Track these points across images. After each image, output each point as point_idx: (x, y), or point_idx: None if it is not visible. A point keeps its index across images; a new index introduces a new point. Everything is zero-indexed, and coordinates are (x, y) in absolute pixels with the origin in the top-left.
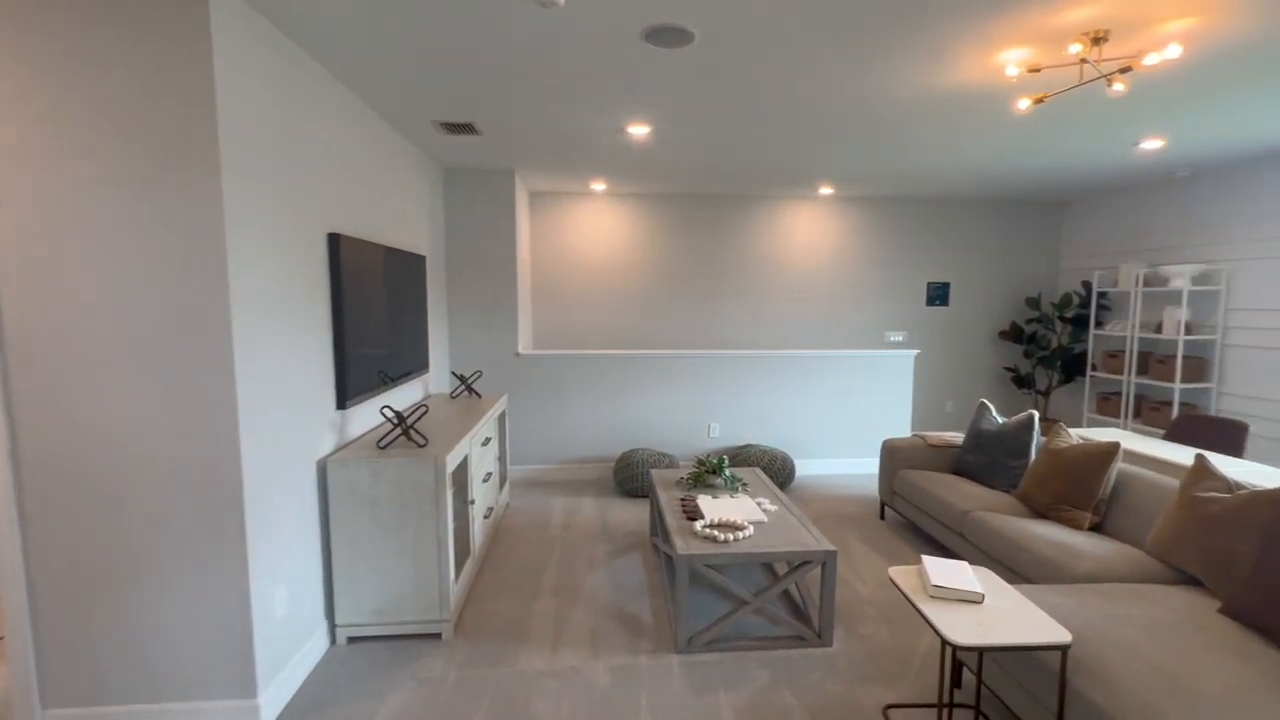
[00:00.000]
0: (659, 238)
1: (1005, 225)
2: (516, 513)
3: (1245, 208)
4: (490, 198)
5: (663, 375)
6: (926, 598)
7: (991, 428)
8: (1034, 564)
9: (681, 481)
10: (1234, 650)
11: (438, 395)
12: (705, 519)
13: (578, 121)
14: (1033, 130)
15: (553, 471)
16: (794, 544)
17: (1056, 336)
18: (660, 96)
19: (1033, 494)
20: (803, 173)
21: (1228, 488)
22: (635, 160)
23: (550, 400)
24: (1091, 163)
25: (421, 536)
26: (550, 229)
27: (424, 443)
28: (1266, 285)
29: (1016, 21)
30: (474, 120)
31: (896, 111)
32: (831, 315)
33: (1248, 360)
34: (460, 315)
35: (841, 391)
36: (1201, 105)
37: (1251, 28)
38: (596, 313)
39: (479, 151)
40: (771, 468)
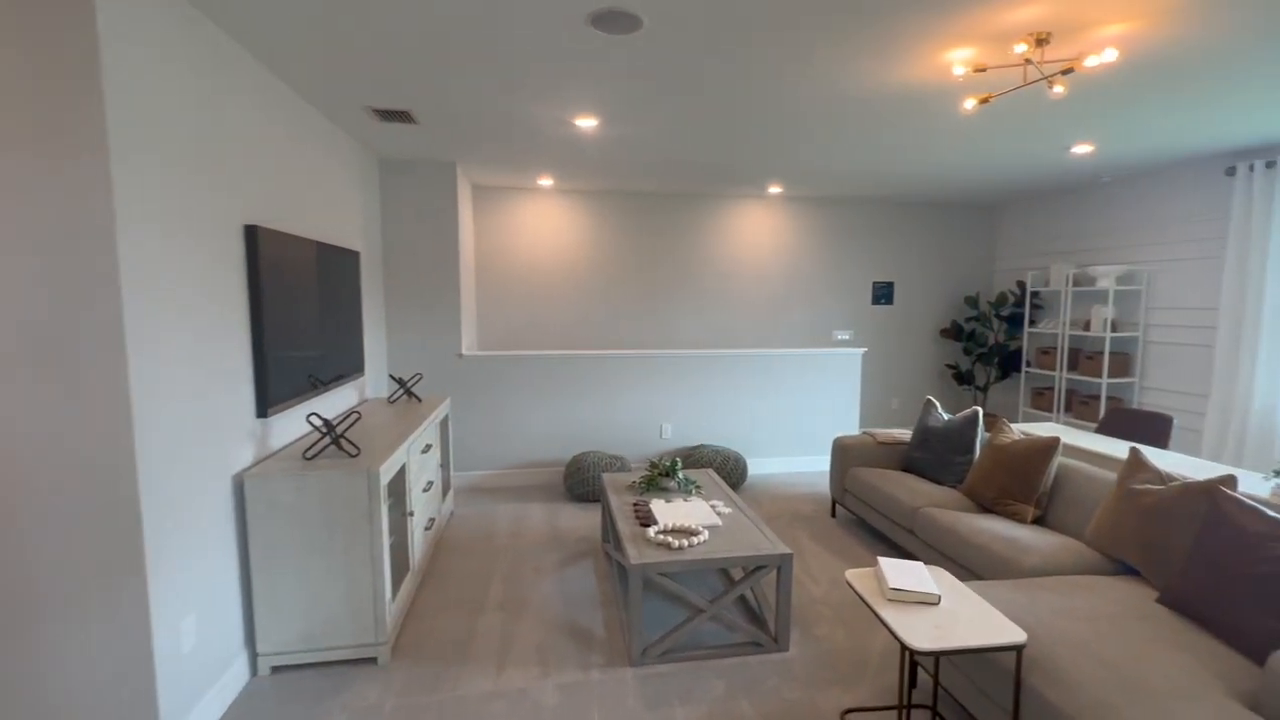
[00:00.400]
0: (608, 236)
1: (944, 226)
2: (461, 522)
3: (1163, 212)
4: (431, 191)
5: (613, 376)
6: (884, 601)
7: (938, 424)
8: (983, 559)
9: (634, 485)
10: (1173, 641)
11: (375, 400)
12: (658, 525)
13: (522, 112)
14: (974, 132)
15: (499, 477)
16: (749, 548)
17: (994, 334)
18: (608, 87)
19: (979, 489)
20: (753, 171)
21: (1161, 480)
22: (583, 155)
23: (496, 403)
24: (1026, 167)
25: (354, 554)
26: (495, 225)
27: (356, 452)
28: (1181, 286)
29: (964, 19)
30: (410, 107)
31: (847, 108)
32: (781, 314)
33: (1166, 355)
34: (399, 315)
35: (792, 390)
36: (1129, 112)
37: (1179, 37)
38: (544, 312)
39: (417, 142)
40: (724, 468)
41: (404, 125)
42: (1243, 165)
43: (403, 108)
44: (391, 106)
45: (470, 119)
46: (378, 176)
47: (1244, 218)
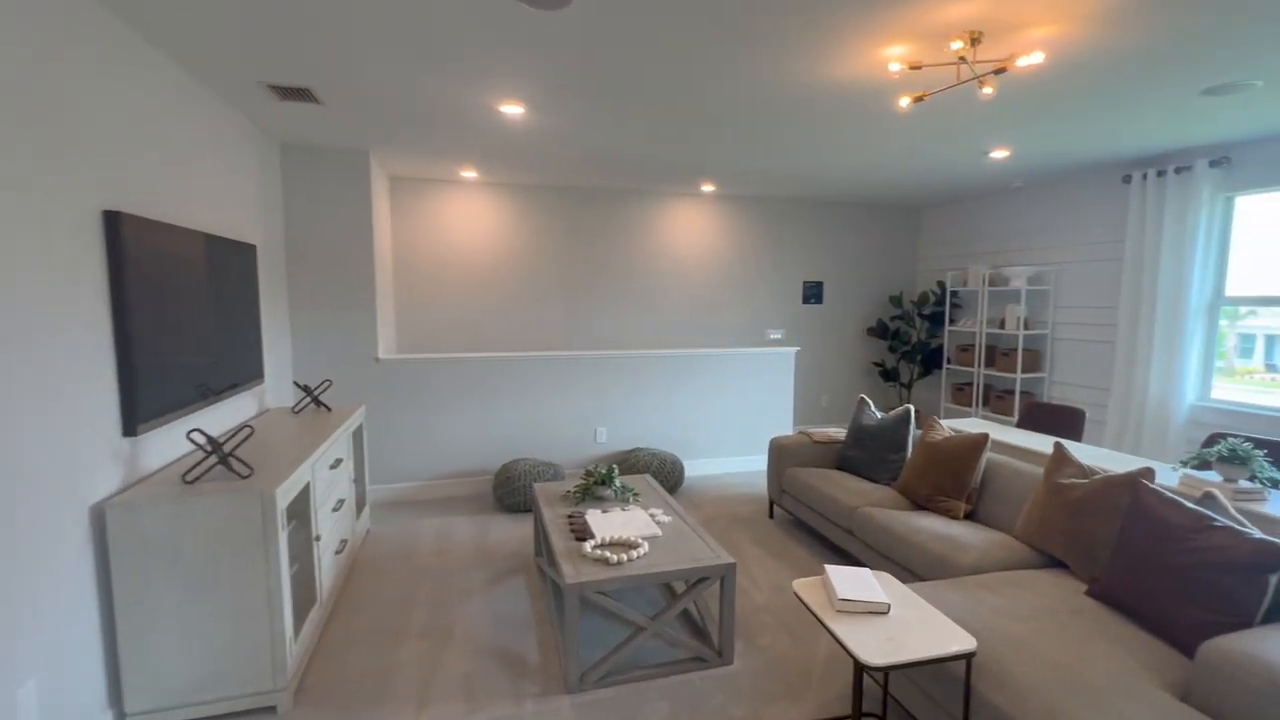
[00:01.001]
0: (538, 232)
1: (870, 227)
2: (378, 541)
3: (1068, 216)
4: (341, 181)
5: (544, 378)
6: (834, 613)
7: (871, 423)
8: (921, 558)
9: (568, 495)
10: (1106, 634)
11: (277, 410)
12: (595, 538)
13: (441, 95)
14: (903, 133)
15: (422, 489)
16: (691, 560)
17: (916, 332)
18: (536, 70)
19: (912, 486)
20: (686, 168)
21: (1084, 473)
22: (510, 146)
23: (418, 410)
24: (948, 169)
25: (246, 589)
26: (415, 219)
27: (248, 473)
28: (1083, 286)
29: (901, 14)
30: (312, 85)
31: (784, 104)
32: (715, 313)
33: (1071, 352)
34: (306, 316)
35: (727, 390)
36: (1043, 118)
37: (1096, 45)
38: (470, 312)
39: (324, 125)
40: (661, 471)
41: (306, 106)
42: (1137, 174)
43: (303, 85)
44: (290, 83)
45: (383, 101)
46: (278, 163)
47: (1139, 223)
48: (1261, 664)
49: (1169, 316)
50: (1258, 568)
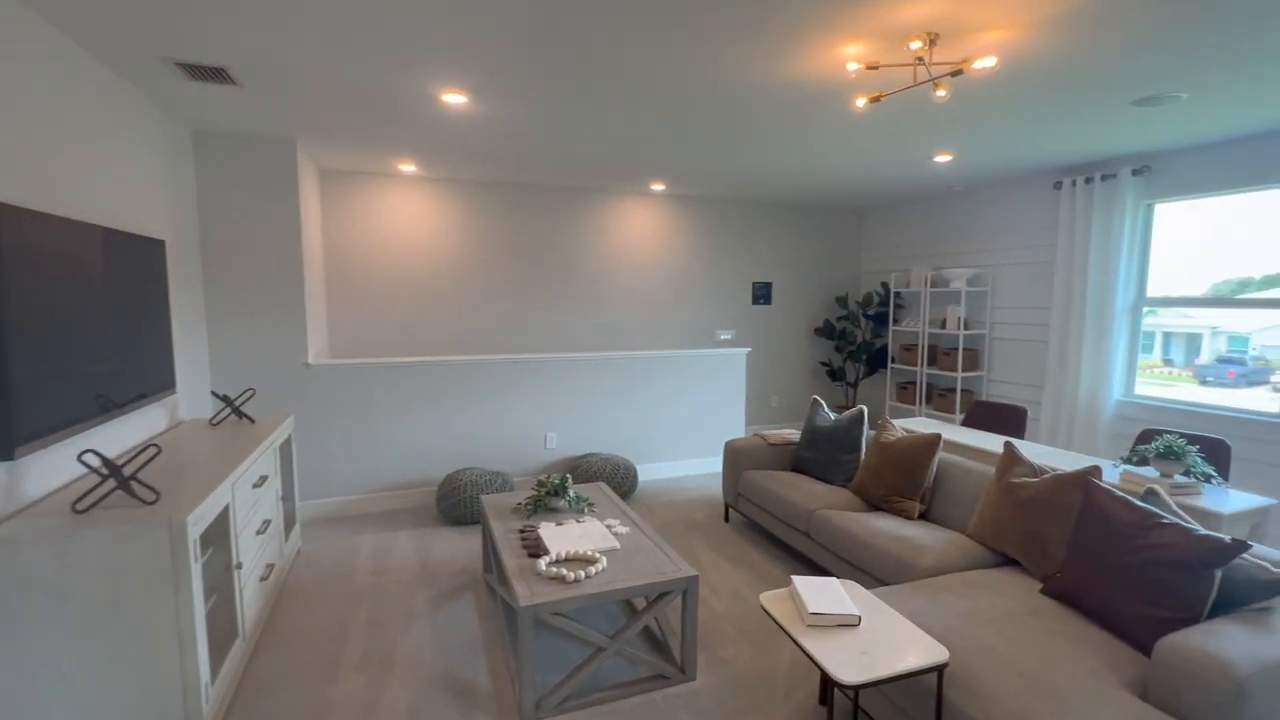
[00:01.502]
0: (483, 230)
1: (816, 229)
2: (310, 562)
3: (1003, 220)
4: (264, 172)
5: (490, 383)
6: (804, 627)
7: (825, 424)
8: (880, 561)
9: (519, 508)
10: (1066, 634)
11: (192, 424)
12: (550, 554)
13: (375, 81)
14: (854, 133)
15: (359, 503)
16: (652, 573)
17: (861, 332)
18: (481, 55)
19: (867, 487)
20: (638, 166)
21: (1034, 472)
22: (453, 139)
23: (353, 418)
24: (894, 172)
25: (152, 631)
26: (348, 216)
27: (153, 498)
28: (1018, 287)
29: (861, 13)
30: (229, 64)
31: (740, 100)
32: (665, 314)
33: (1008, 351)
34: (226, 319)
35: (679, 392)
36: (989, 123)
37: (1042, 52)
38: (409, 314)
39: (244, 111)
40: (614, 477)
41: (223, 87)
42: (1067, 180)
43: (218, 64)
44: (203, 61)
45: (310, 85)
46: (191, 151)
47: (1069, 227)
48: (1216, 660)
49: (1097, 317)
50: (1204, 564)
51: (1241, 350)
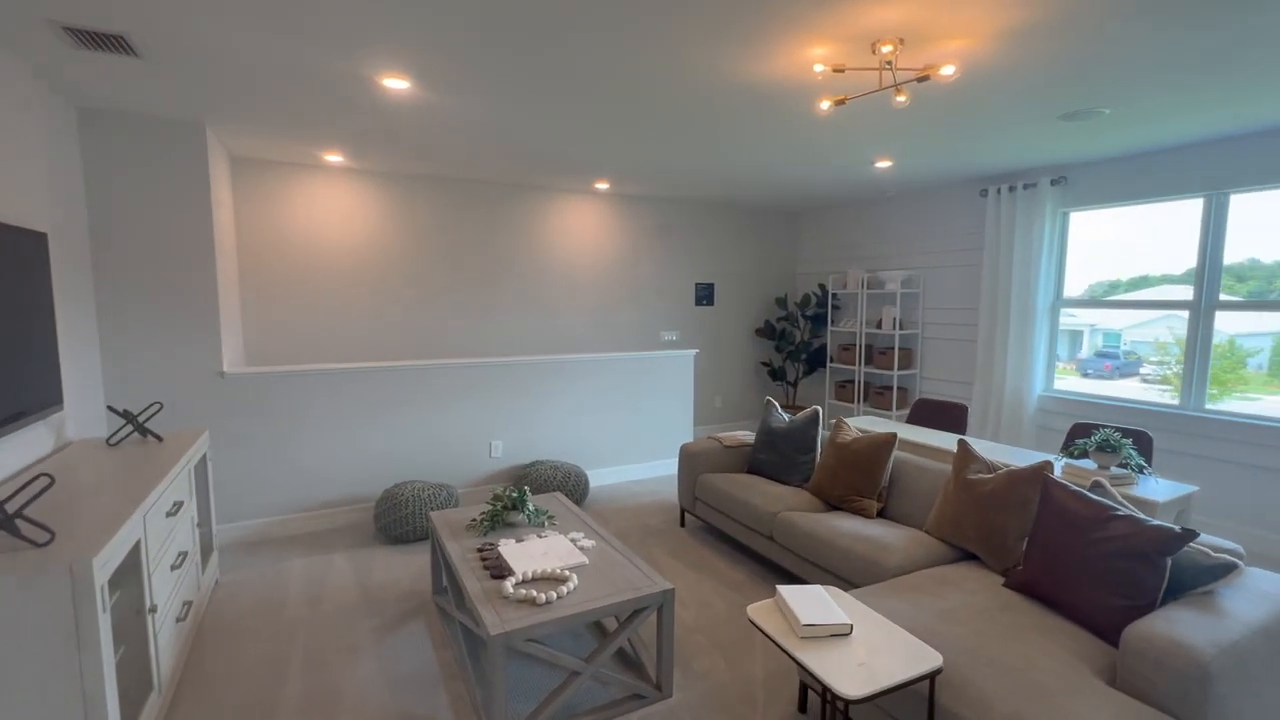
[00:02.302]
0: (414, 228)
1: (755, 230)
2: (232, 594)
3: (934, 224)
4: (168, 158)
5: (429, 390)
6: (798, 640)
7: (780, 425)
8: (847, 562)
9: (474, 524)
10: (1036, 628)
11: (85, 444)
12: (515, 575)
13: (305, 60)
14: (805, 138)
15: (285, 525)
16: (627, 589)
17: (800, 332)
18: (428, 37)
19: (825, 487)
20: (584, 163)
21: (989, 469)
22: (390, 128)
23: (276, 432)
24: (835, 176)
25: (49, 697)
26: (266, 210)
27: (46, 538)
28: (948, 288)
29: (830, 15)
30: (129, 31)
31: (696, 99)
32: (609, 315)
33: (938, 349)
34: (122, 324)
35: (627, 395)
36: (930, 130)
37: (995, 62)
38: (336, 318)
39: (145, 88)
40: (566, 485)
41: (119, 59)
42: (992, 188)
43: (116, 30)
44: (96, 26)
45: (227, 61)
46: (76, 133)
47: (994, 232)
48: (1182, 646)
49: (1021, 316)
50: (1158, 553)
51: (1115, 345)
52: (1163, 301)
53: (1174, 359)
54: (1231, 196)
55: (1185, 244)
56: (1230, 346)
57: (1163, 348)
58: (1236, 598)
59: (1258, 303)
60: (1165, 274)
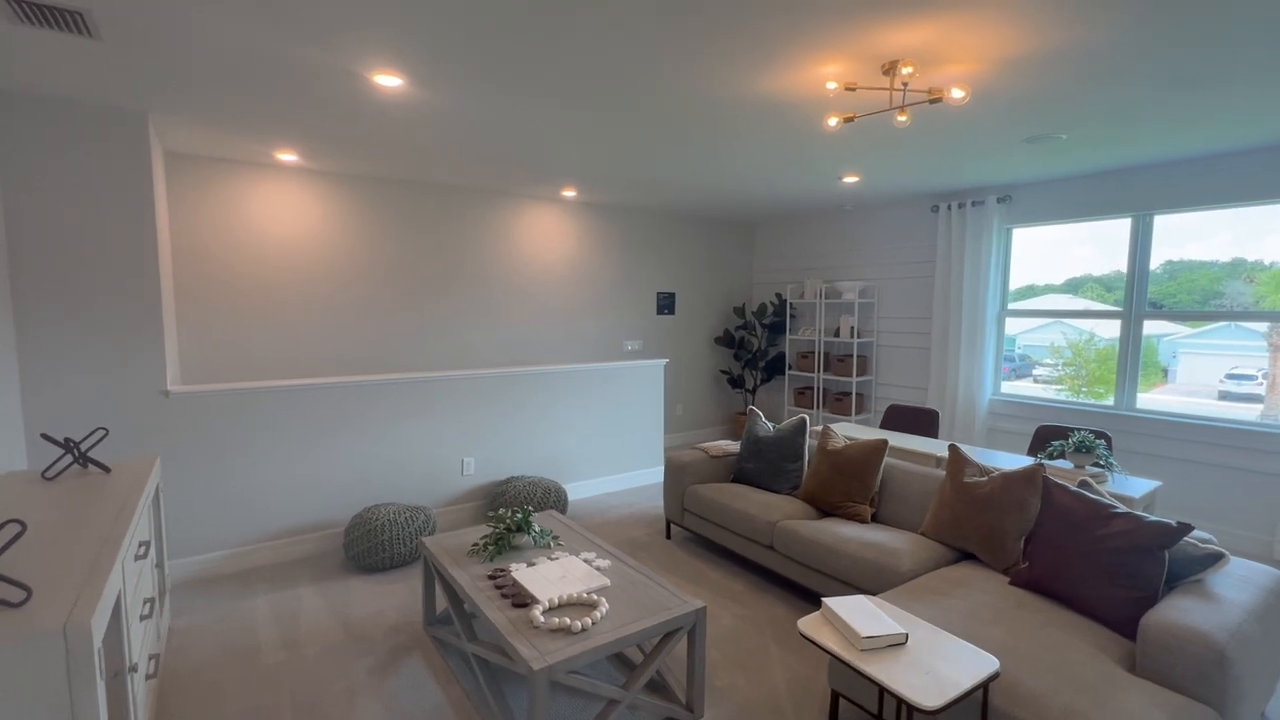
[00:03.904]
0: (368, 233)
1: (712, 240)
2: (192, 641)
3: (888, 238)
4: (104, 151)
5: (395, 406)
6: (859, 653)
7: (766, 434)
8: (856, 568)
9: (478, 549)
10: (1055, 623)
11: (14, 478)
12: (541, 602)
13: (286, 45)
14: (786, 151)
15: (241, 558)
16: (659, 611)
17: (758, 341)
18: (427, 32)
19: (817, 494)
20: (561, 169)
21: (983, 471)
22: (366, 125)
23: (228, 456)
24: (801, 189)
25: None
26: (204, 210)
27: (21, 596)
28: (900, 298)
29: (849, 35)
30: (89, 8)
31: (694, 111)
32: (572, 325)
33: (892, 357)
34: (46, 338)
35: (598, 407)
36: (903, 148)
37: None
38: (280, 329)
39: (86, 72)
40: (545, 501)
41: (66, 38)
42: (943, 205)
43: (75, 6)
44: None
45: (187, 46)
46: None
47: (945, 245)
48: (1198, 633)
49: (971, 325)
50: (1159, 546)
51: (1011, 349)
52: (1098, 312)
53: (1064, 361)
54: (1156, 218)
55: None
56: (1099, 350)
57: (1056, 351)
58: (1226, 585)
59: (1182, 312)
60: (1048, 284)
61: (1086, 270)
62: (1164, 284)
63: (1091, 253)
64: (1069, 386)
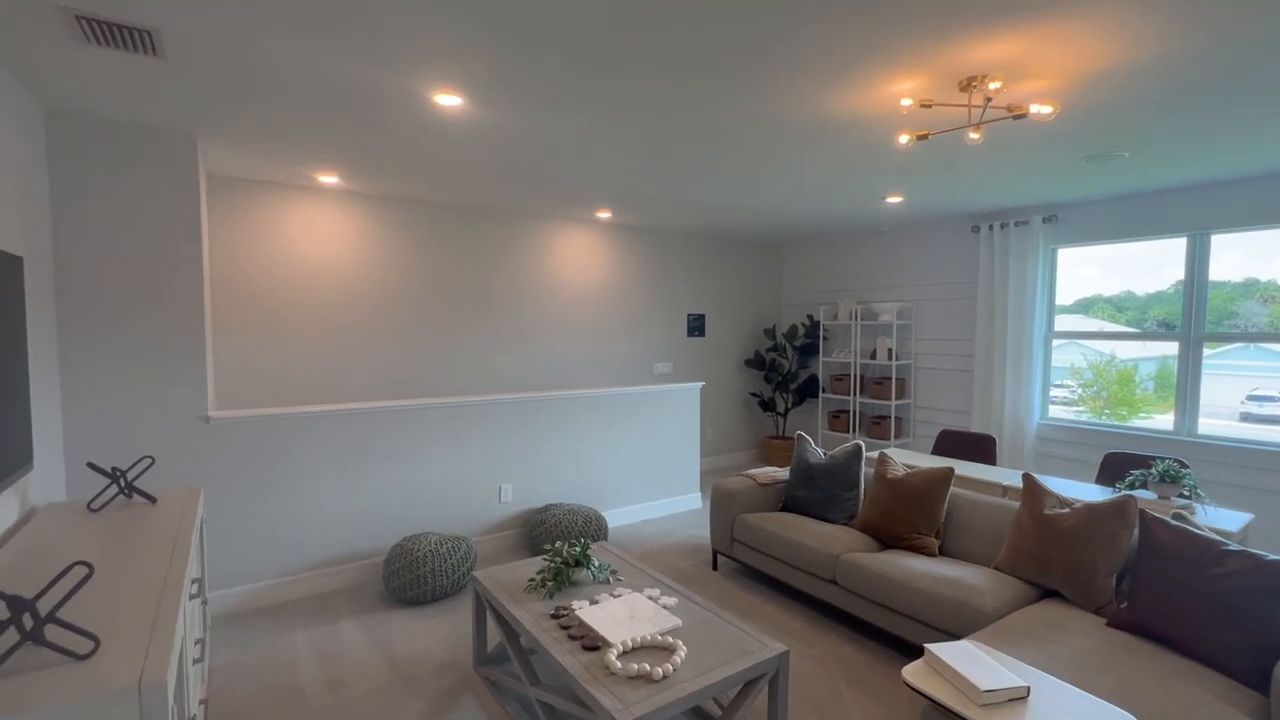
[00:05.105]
0: (403, 255)
1: (742, 262)
2: (233, 679)
3: (926, 258)
4: (154, 172)
5: (432, 431)
6: (979, 709)
7: (818, 460)
8: (931, 607)
9: (534, 584)
10: (1172, 671)
11: (57, 510)
12: (615, 646)
13: (356, 75)
14: (838, 171)
15: (277, 590)
16: (740, 655)
17: (789, 363)
18: (489, 52)
19: (878, 524)
20: (596, 189)
21: (1062, 503)
22: (412, 147)
23: (266, 484)
24: (843, 209)
25: None
26: (240, 233)
27: (89, 647)
28: (938, 320)
29: (930, 50)
30: (159, 26)
31: (756, 130)
32: (604, 347)
33: (930, 379)
34: (89, 363)
35: (635, 431)
36: (960, 168)
37: (1071, 103)
38: (311, 353)
39: (142, 90)
40: (586, 530)
41: (130, 58)
42: (984, 225)
43: (146, 24)
44: (122, 18)
45: (248, 67)
46: (43, 138)
47: (989, 267)
48: None
49: (1017, 347)
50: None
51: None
52: (1152, 334)
53: (1083, 383)
54: (1213, 237)
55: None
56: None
57: (1076, 372)
58: None
59: (1242, 334)
60: (1059, 305)
61: (1095, 290)
62: (1176, 304)
63: (1099, 274)
64: (1089, 408)
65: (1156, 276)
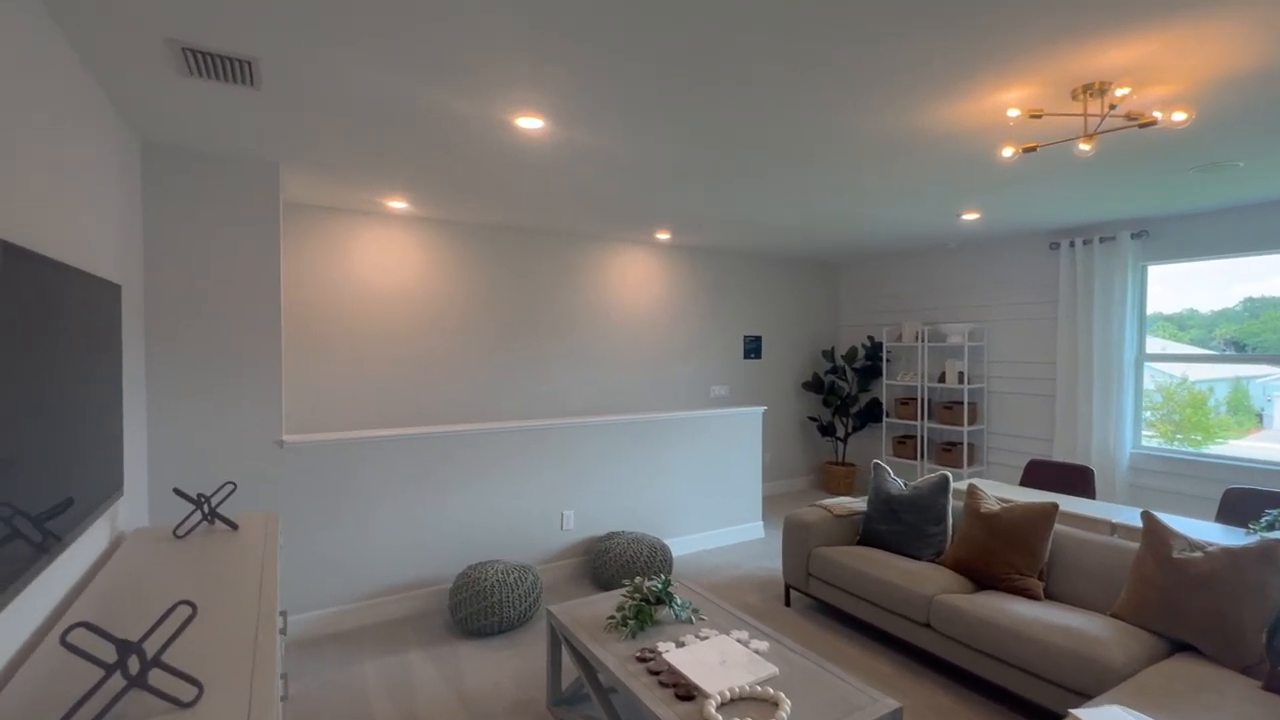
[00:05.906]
0: (466, 279)
1: (799, 281)
2: (305, 712)
3: (998, 277)
4: (238, 202)
5: (496, 457)
6: None
7: (899, 492)
8: (1048, 659)
9: (614, 622)
10: None
11: (144, 536)
12: (713, 696)
13: (445, 99)
14: (915, 185)
15: (346, 617)
16: (850, 711)
17: (849, 386)
18: (569, 74)
19: (972, 563)
20: (662, 209)
21: (1191, 546)
22: (486, 171)
23: (336, 508)
24: (910, 227)
25: None
26: (311, 259)
27: (193, 694)
28: (1012, 342)
29: (1046, 58)
30: (259, 56)
31: (857, 147)
32: (663, 370)
33: (1005, 404)
34: (172, 388)
35: (697, 457)
36: (1059, 181)
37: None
38: (375, 378)
39: (232, 121)
40: (652, 561)
41: (226, 88)
42: (1064, 242)
43: (247, 54)
44: (225, 49)
45: (340, 98)
46: (138, 168)
47: (1070, 286)
48: None
49: (1105, 372)
50: None
51: None
52: (1258, 356)
53: (1153, 406)
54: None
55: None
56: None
57: (1145, 395)
58: None
59: None
60: None
61: (1155, 309)
62: (1245, 322)
63: (1159, 291)
64: (1159, 432)
65: (1224, 293)
